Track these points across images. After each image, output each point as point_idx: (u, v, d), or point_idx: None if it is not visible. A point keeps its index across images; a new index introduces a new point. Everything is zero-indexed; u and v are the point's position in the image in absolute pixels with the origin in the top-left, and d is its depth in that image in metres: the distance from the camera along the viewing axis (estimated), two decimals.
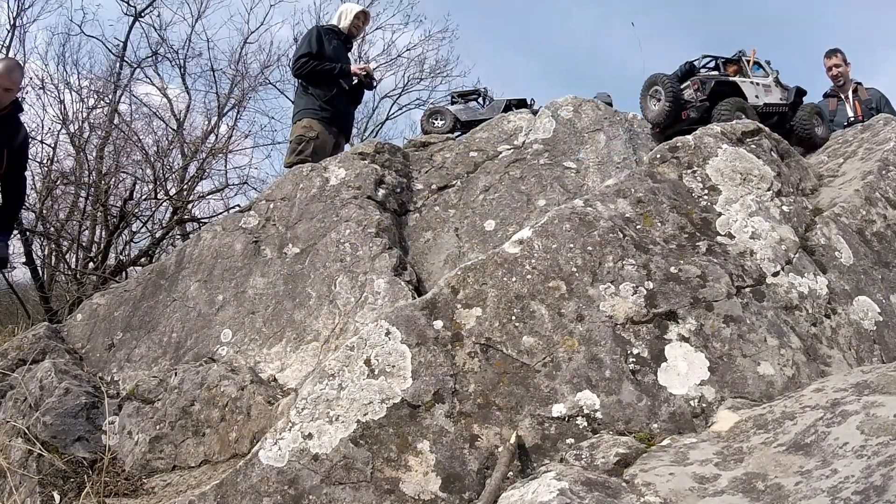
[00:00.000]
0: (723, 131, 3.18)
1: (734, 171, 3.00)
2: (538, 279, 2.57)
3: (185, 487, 2.79)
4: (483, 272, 2.60)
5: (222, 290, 3.69)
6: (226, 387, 3.07)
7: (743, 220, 2.85)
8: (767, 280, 2.68)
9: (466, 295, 2.56)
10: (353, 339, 2.53)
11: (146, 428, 3.12)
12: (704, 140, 3.10)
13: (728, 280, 2.61)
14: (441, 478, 2.25)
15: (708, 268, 2.63)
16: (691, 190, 2.94)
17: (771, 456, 1.93)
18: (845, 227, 3.00)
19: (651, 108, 4.74)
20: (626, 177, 2.98)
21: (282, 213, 3.87)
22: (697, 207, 2.89)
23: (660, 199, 2.87)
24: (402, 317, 2.51)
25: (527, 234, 2.70)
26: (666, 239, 2.75)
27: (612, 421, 2.32)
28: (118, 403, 3.29)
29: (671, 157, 3.04)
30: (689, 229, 2.80)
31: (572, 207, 2.77)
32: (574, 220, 2.70)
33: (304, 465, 2.29)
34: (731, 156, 3.05)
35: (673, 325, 2.50)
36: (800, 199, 3.13)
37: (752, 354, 2.47)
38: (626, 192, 2.88)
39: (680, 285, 2.58)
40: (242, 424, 2.95)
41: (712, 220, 2.85)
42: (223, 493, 2.31)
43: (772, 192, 3.01)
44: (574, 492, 1.86)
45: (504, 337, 2.47)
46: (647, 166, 3.03)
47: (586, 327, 2.48)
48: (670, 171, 2.99)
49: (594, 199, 2.84)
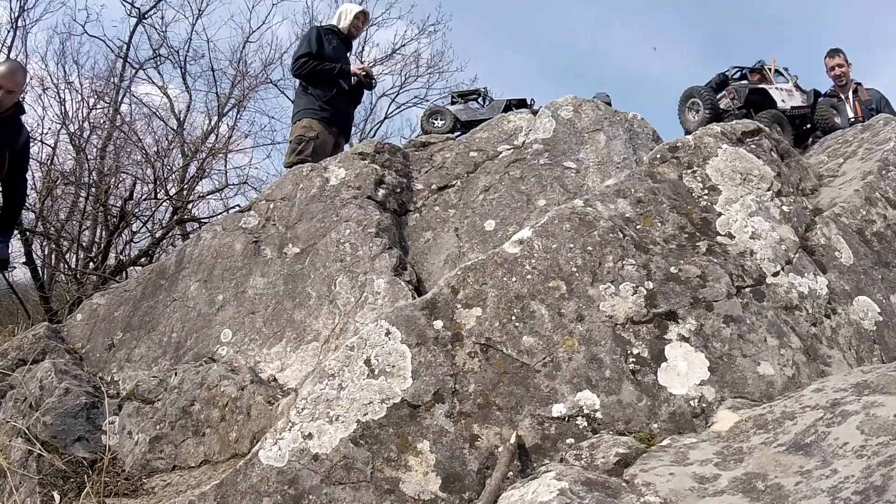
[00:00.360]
0: (723, 131, 3.18)
1: (734, 171, 3.00)
2: (538, 279, 2.57)
3: (186, 487, 2.79)
4: (483, 272, 2.60)
5: (222, 290, 3.69)
6: (226, 387, 3.07)
7: (743, 219, 2.85)
8: (767, 280, 2.68)
9: (466, 295, 2.56)
10: (353, 338, 2.54)
11: (146, 428, 3.12)
12: (704, 140, 3.10)
13: (728, 280, 2.61)
14: (441, 478, 2.25)
15: (708, 268, 2.64)
16: (691, 190, 2.94)
17: (771, 456, 1.93)
18: (845, 227, 3.00)
19: (691, 120, 5.04)
20: (626, 177, 2.98)
21: (282, 212, 3.87)
22: (697, 207, 2.89)
23: (660, 200, 2.87)
24: (402, 317, 2.51)
25: (527, 234, 2.70)
26: (666, 239, 2.75)
27: (612, 421, 2.32)
28: (118, 403, 3.29)
29: (671, 157, 3.04)
30: (689, 229, 2.80)
31: (572, 207, 2.77)
32: (574, 220, 2.70)
33: (304, 464, 2.29)
34: (731, 156, 3.05)
35: (673, 325, 2.50)
36: (800, 199, 3.13)
37: (753, 354, 2.47)
38: (626, 191, 2.88)
39: (680, 285, 2.58)
40: (242, 424, 2.95)
41: (712, 221, 2.85)
42: (223, 492, 2.31)
43: (772, 192, 3.01)
44: (574, 492, 1.86)
45: (504, 337, 2.47)
46: (646, 166, 3.03)
47: (586, 327, 2.48)
48: (670, 170, 2.99)
49: (594, 199, 2.84)
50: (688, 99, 5.32)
